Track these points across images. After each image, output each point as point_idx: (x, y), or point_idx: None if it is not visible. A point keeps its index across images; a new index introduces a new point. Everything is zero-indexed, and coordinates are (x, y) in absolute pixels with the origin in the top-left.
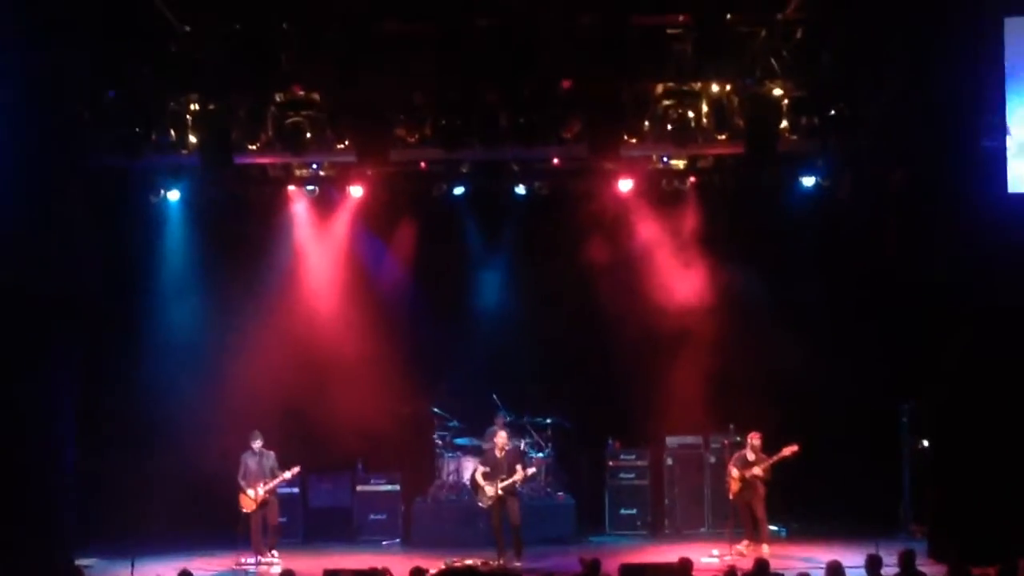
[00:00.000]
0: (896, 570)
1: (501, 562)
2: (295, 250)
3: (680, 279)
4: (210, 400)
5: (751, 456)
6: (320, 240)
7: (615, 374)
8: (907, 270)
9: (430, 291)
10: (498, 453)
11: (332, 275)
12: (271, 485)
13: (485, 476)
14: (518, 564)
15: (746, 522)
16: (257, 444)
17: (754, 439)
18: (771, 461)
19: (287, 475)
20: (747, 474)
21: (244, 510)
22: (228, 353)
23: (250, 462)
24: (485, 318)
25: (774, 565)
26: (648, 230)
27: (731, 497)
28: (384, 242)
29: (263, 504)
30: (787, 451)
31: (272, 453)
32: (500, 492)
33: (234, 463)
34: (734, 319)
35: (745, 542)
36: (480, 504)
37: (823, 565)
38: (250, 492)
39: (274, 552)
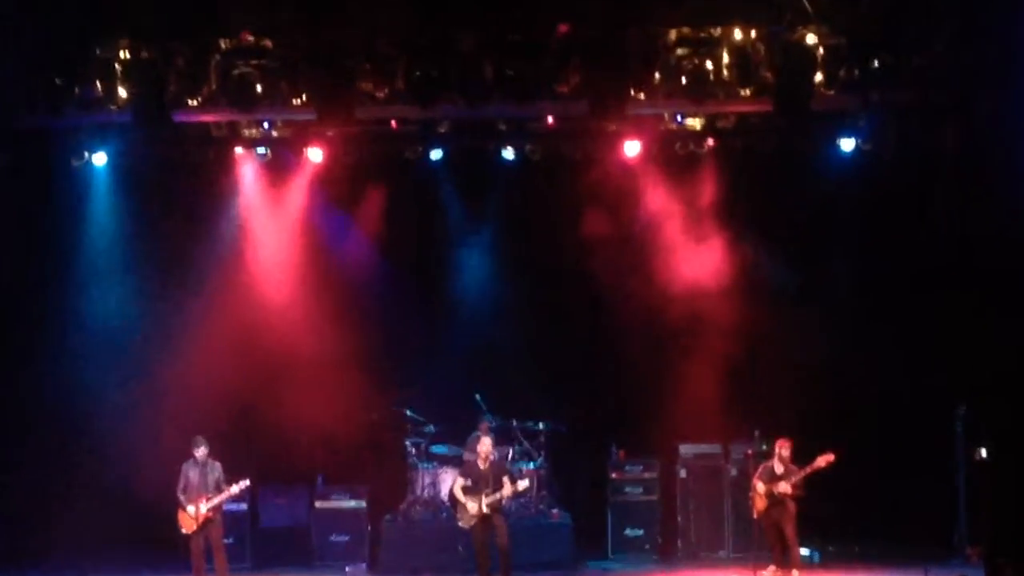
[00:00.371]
0: None
1: None
2: (243, 224)
3: (696, 259)
4: (144, 402)
5: (779, 468)
6: (273, 213)
7: (619, 371)
8: (963, 248)
9: (402, 273)
10: (482, 464)
11: (287, 254)
12: (215, 501)
13: (466, 491)
14: None
15: (773, 545)
16: (200, 453)
17: (783, 448)
18: (803, 474)
19: (235, 489)
20: (775, 489)
21: (184, 531)
22: (165, 347)
23: (191, 473)
24: (467, 305)
25: None
26: (658, 201)
27: (756, 516)
28: (348, 215)
29: (206, 523)
30: (821, 461)
31: (218, 464)
32: (485, 509)
33: (173, 475)
34: (759, 306)
35: (772, 568)
36: (460, 524)
37: None
38: (190, 509)
39: None
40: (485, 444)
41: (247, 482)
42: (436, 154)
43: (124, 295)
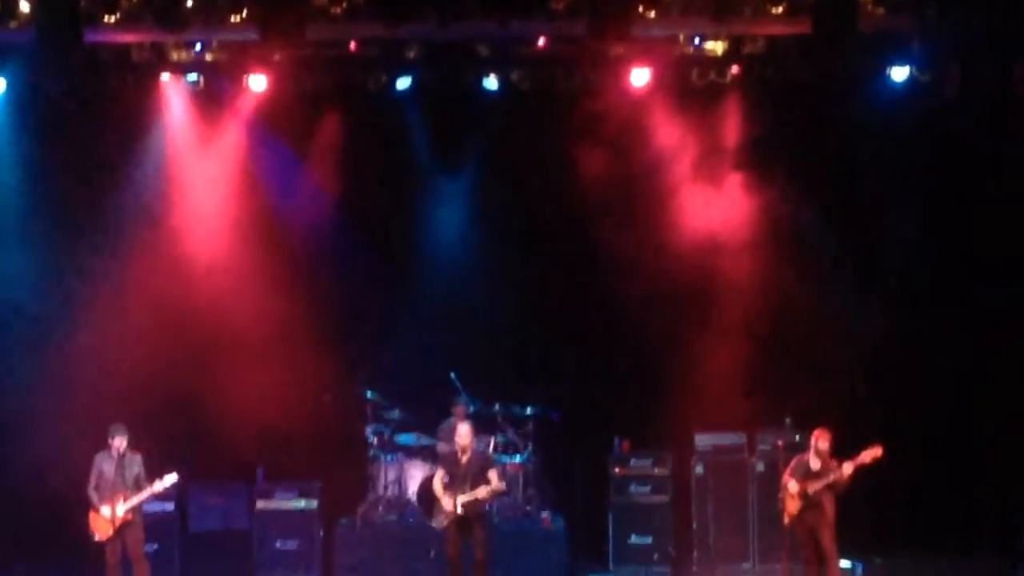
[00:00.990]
0: None
1: None
2: (169, 169)
3: (715, 211)
4: (49, 383)
5: (816, 463)
6: (205, 154)
7: (623, 345)
8: None
9: (362, 227)
10: (462, 456)
11: (222, 205)
12: (135, 501)
13: (446, 487)
14: None
15: (808, 555)
16: (119, 443)
17: (820, 439)
18: (845, 471)
19: (158, 486)
20: (811, 489)
21: (96, 537)
22: (75, 319)
23: (106, 467)
24: (439, 266)
25: None
26: (670, 141)
27: (787, 520)
28: (297, 158)
29: (123, 528)
30: (867, 457)
31: (138, 456)
32: (459, 510)
33: (84, 470)
34: (791, 269)
35: None
36: (433, 524)
37: None
38: (104, 511)
39: None
40: (463, 432)
41: (174, 477)
42: (404, 83)
43: (24, 257)
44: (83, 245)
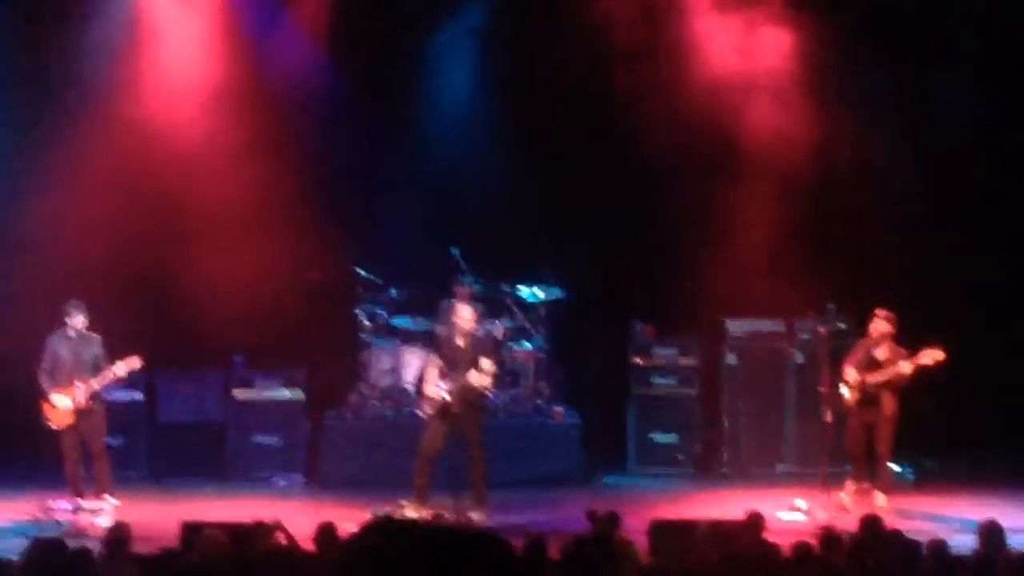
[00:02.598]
0: None
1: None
2: (134, 20)
3: (748, 53)
4: (4, 266)
5: (882, 352)
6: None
7: (643, 217)
8: None
9: (353, 84)
10: (460, 340)
11: (195, 60)
12: (93, 386)
13: (442, 374)
14: (473, 516)
15: (858, 456)
16: (76, 322)
17: (881, 323)
18: (905, 370)
19: (120, 369)
20: (871, 380)
21: (52, 425)
22: (33, 190)
23: (61, 349)
24: (441, 129)
25: (896, 526)
26: None
27: (834, 416)
28: (280, 3)
29: (81, 416)
30: (928, 357)
31: (98, 337)
32: (446, 397)
33: (35, 351)
34: (835, 123)
35: (851, 486)
36: (420, 413)
37: (972, 528)
38: (60, 397)
39: (107, 495)
40: (465, 315)
41: (138, 361)
42: None
43: None
44: (41, 108)
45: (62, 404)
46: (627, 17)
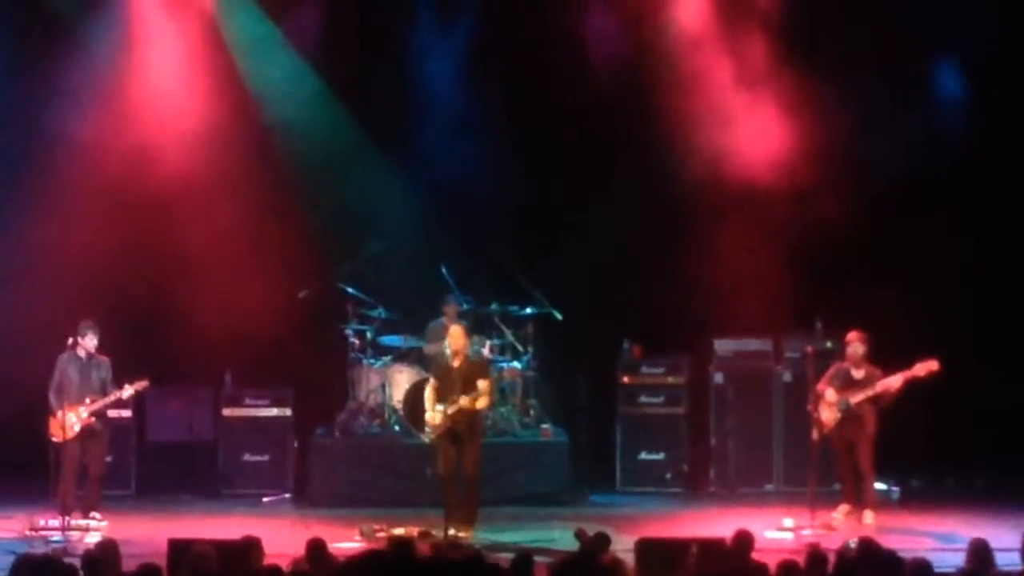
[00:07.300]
0: None
1: (452, 532)
2: (129, 26)
3: (736, 64)
4: None
5: (859, 372)
6: (170, 11)
7: (634, 235)
8: None
9: (345, 94)
10: (455, 361)
11: (189, 73)
12: (98, 405)
13: (438, 394)
14: (463, 534)
15: (845, 475)
16: (88, 343)
17: (854, 343)
18: (894, 384)
19: (127, 393)
20: (852, 399)
21: (56, 439)
22: (20, 205)
23: (71, 369)
24: (428, 141)
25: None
26: None
27: (820, 435)
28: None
29: (85, 434)
30: (921, 369)
31: (107, 360)
32: (448, 421)
33: (25, 375)
34: (825, 138)
35: (843, 507)
36: (423, 438)
37: (961, 546)
38: (67, 416)
39: (95, 514)
40: (455, 334)
41: (146, 383)
42: None
43: None
44: (29, 110)
45: (68, 422)
46: (615, 29)
